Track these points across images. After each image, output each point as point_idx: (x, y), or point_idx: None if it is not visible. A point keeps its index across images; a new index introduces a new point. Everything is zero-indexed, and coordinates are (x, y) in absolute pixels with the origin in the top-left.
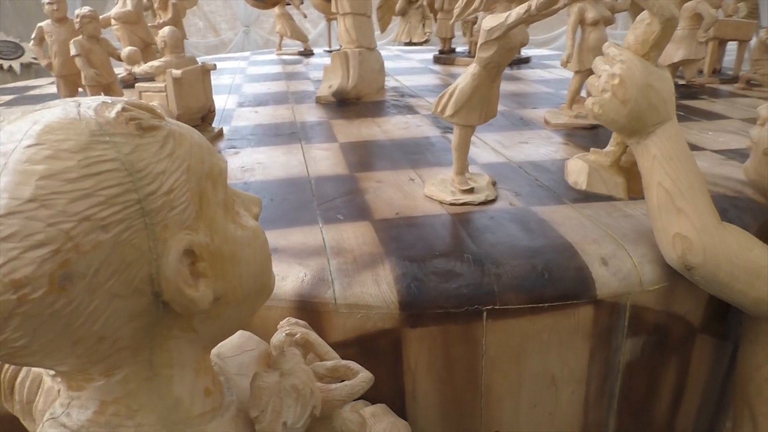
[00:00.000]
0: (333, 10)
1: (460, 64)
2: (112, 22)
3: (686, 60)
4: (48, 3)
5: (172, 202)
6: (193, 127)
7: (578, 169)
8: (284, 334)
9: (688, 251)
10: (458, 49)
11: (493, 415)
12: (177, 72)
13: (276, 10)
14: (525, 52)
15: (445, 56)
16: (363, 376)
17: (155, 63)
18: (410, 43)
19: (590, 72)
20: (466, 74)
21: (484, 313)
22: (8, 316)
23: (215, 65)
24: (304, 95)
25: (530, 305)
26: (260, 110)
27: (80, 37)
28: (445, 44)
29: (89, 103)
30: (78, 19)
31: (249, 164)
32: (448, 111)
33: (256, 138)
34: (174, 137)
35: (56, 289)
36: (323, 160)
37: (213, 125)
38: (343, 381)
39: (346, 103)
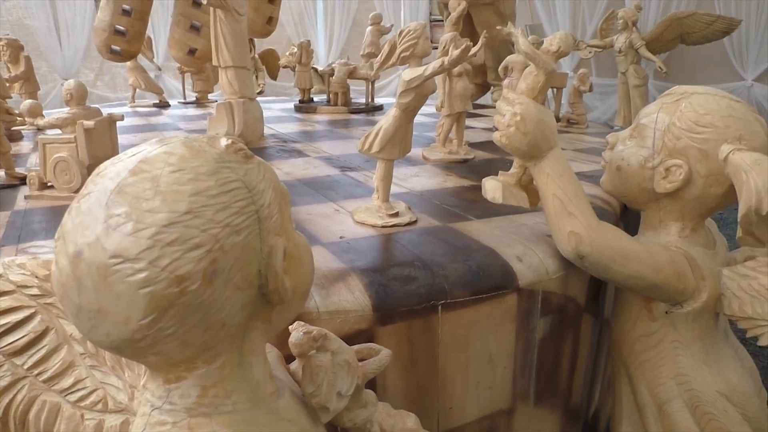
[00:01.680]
0: (215, 63)
1: (322, 112)
2: None
3: None
4: None
5: (271, 212)
6: None
7: (493, 188)
8: (302, 333)
9: (580, 244)
10: (315, 99)
11: (448, 394)
12: (89, 123)
13: (129, 63)
14: (377, 100)
15: (306, 105)
16: (386, 352)
17: (61, 115)
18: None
19: (458, 115)
20: (388, 116)
21: (439, 307)
22: (168, 306)
23: (123, 116)
24: None
25: (473, 297)
26: None
27: None
28: (305, 94)
29: (200, 138)
30: None
31: None
32: (375, 148)
33: None
34: (262, 165)
35: (207, 282)
36: None
37: None
38: (364, 360)
39: None
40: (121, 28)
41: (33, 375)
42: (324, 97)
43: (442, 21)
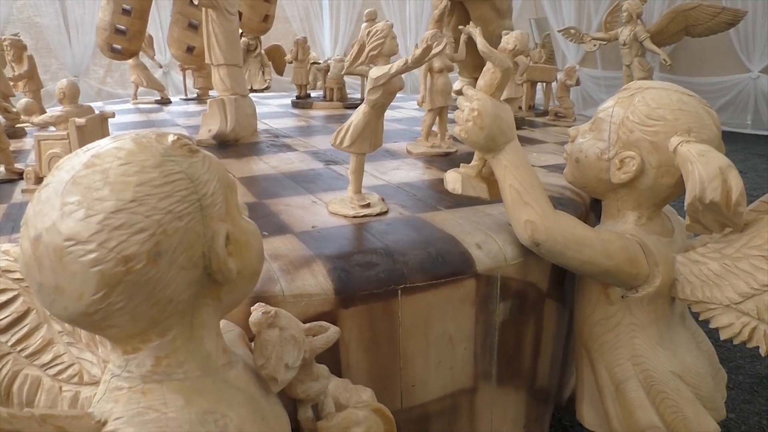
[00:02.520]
0: (207, 61)
1: (317, 107)
2: None
3: (508, 98)
4: None
5: (214, 201)
6: None
7: (454, 179)
8: (261, 313)
9: (535, 231)
10: (312, 95)
11: (410, 374)
12: (81, 120)
13: (131, 61)
14: None
15: (303, 101)
16: (333, 329)
17: (55, 113)
18: (251, 90)
19: (440, 110)
20: (357, 113)
21: (399, 291)
22: (117, 283)
23: (114, 113)
24: None
25: (431, 281)
26: None
27: None
28: (301, 90)
29: (148, 135)
30: None
31: None
32: (346, 142)
33: None
34: (207, 158)
35: (151, 262)
36: None
37: None
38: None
39: (226, 146)
40: (122, 27)
41: (16, 351)
42: (322, 92)
43: None
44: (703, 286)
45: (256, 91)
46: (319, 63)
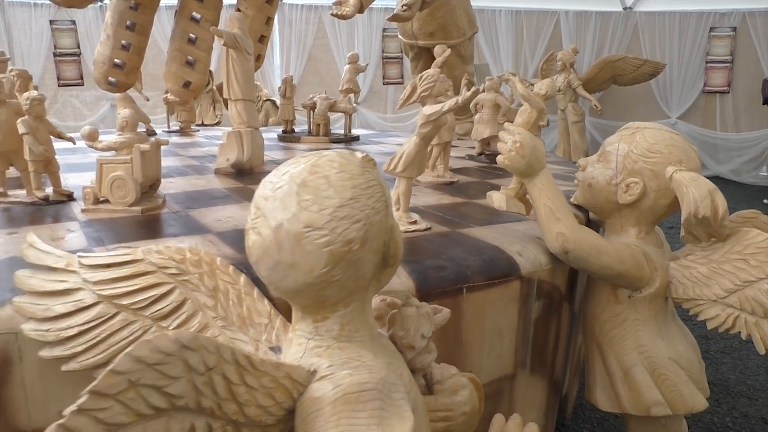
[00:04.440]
0: (225, 96)
1: (305, 141)
2: None
3: (492, 136)
4: None
5: (390, 202)
6: (143, 194)
7: (499, 199)
8: (379, 300)
9: (566, 242)
10: (297, 130)
11: (467, 360)
12: (145, 146)
13: (119, 94)
14: (354, 131)
15: (290, 135)
16: (446, 310)
17: (119, 139)
18: (202, 125)
19: (445, 144)
20: (409, 143)
21: (464, 290)
22: (339, 260)
23: (168, 141)
24: (196, 168)
25: (488, 282)
26: (174, 181)
27: (26, 117)
28: (288, 125)
29: (344, 152)
30: (27, 102)
31: (221, 218)
32: (399, 168)
33: (197, 201)
34: (378, 171)
35: (362, 245)
36: None
37: (158, 192)
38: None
39: (243, 173)
40: (119, 61)
41: None
42: (305, 127)
43: (396, 58)
44: (694, 286)
45: (206, 125)
46: (272, 100)
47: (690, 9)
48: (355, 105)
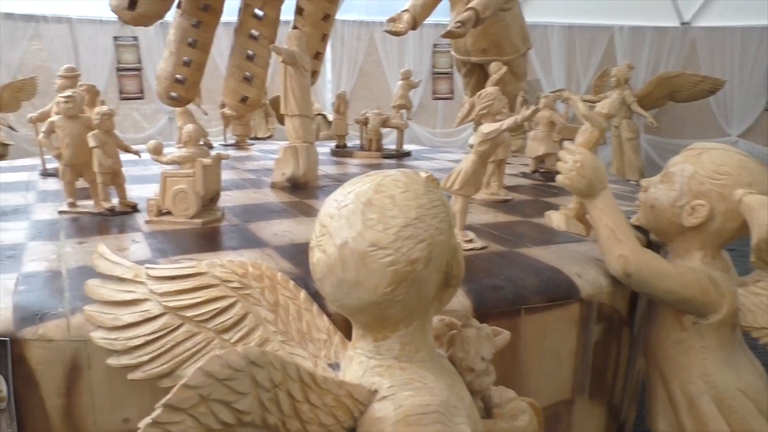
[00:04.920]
0: (282, 111)
1: (357, 156)
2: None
3: (547, 153)
4: (64, 102)
5: (453, 222)
6: (203, 207)
7: (558, 219)
8: (438, 320)
9: (628, 264)
10: (349, 144)
11: (524, 384)
12: (207, 160)
13: (179, 108)
14: (405, 146)
15: (342, 150)
16: (506, 333)
17: (183, 154)
18: (254, 138)
19: (499, 161)
20: (466, 161)
21: (522, 311)
22: (403, 280)
23: (228, 155)
24: (253, 182)
25: (547, 303)
26: (231, 194)
27: (97, 131)
28: (341, 140)
29: (409, 171)
30: (98, 116)
31: (278, 231)
32: (456, 186)
33: (255, 214)
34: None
35: (426, 265)
36: None
37: (217, 205)
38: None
39: (298, 188)
40: (180, 77)
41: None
42: (357, 142)
43: (446, 73)
44: (765, 314)
45: (259, 138)
46: (323, 114)
47: (752, 24)
48: (407, 121)
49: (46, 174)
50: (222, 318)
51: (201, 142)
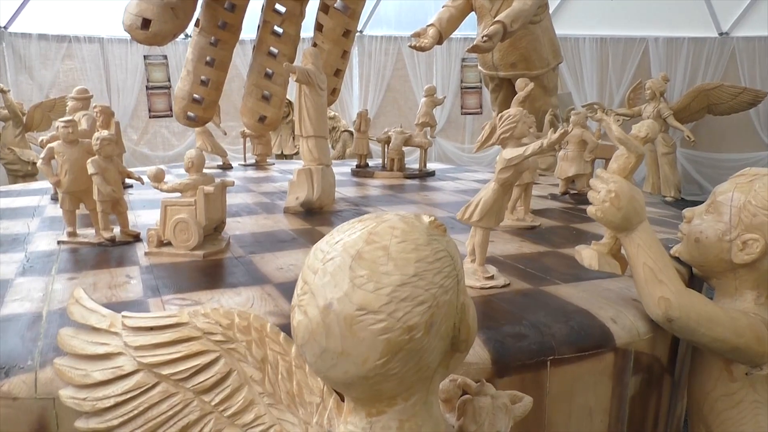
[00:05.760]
0: (297, 133)
1: (379, 176)
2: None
3: (578, 174)
4: (63, 126)
5: (462, 276)
6: (206, 236)
7: (590, 256)
8: (448, 380)
9: (670, 308)
10: (371, 164)
11: None
12: (209, 188)
13: (198, 128)
14: (430, 165)
15: (363, 170)
16: (528, 399)
17: (183, 180)
18: (281, 155)
19: (526, 185)
20: (487, 189)
21: (548, 362)
22: (399, 350)
23: (234, 182)
24: (266, 206)
25: (577, 354)
26: (241, 221)
27: (96, 157)
28: (362, 160)
29: (408, 215)
30: (97, 141)
31: (283, 265)
32: (475, 217)
33: (262, 245)
34: (451, 238)
35: (426, 332)
36: None
37: (222, 234)
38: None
39: (312, 213)
40: (198, 96)
41: (218, 411)
42: (380, 161)
43: (475, 88)
44: None
45: (285, 156)
46: (350, 131)
47: None
48: (431, 139)
49: (56, 198)
50: (202, 376)
51: (218, 162)
